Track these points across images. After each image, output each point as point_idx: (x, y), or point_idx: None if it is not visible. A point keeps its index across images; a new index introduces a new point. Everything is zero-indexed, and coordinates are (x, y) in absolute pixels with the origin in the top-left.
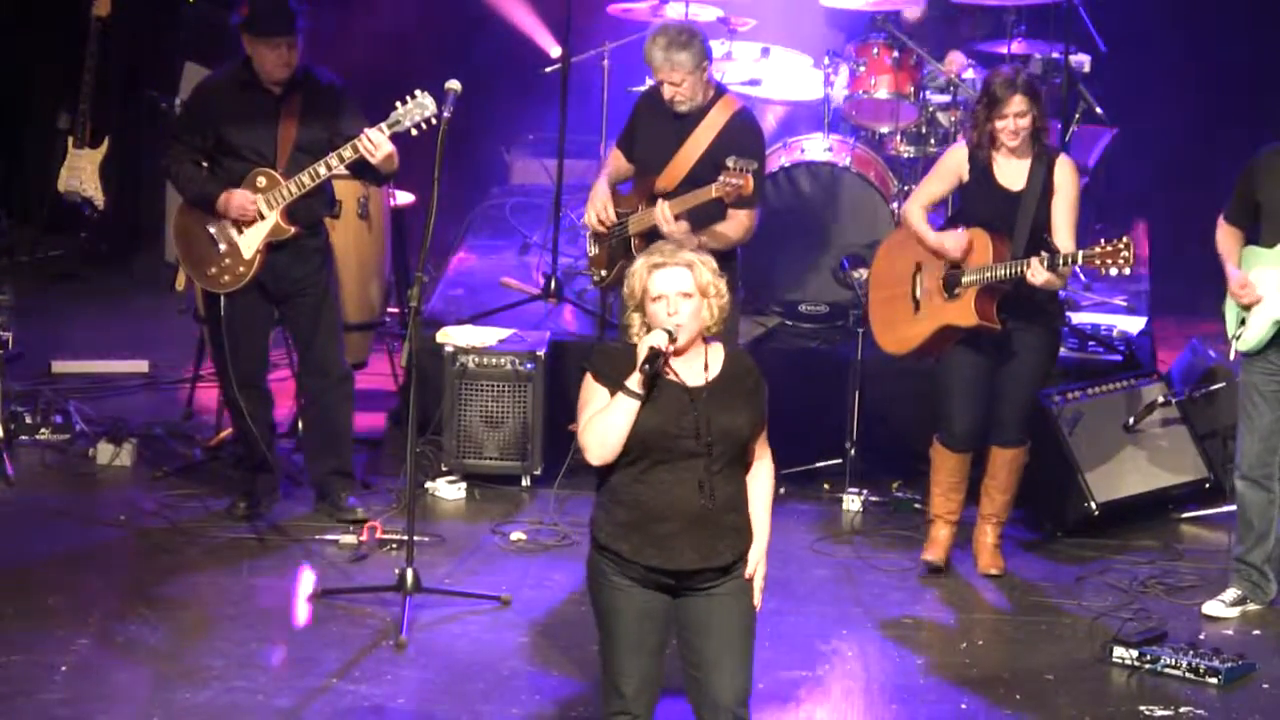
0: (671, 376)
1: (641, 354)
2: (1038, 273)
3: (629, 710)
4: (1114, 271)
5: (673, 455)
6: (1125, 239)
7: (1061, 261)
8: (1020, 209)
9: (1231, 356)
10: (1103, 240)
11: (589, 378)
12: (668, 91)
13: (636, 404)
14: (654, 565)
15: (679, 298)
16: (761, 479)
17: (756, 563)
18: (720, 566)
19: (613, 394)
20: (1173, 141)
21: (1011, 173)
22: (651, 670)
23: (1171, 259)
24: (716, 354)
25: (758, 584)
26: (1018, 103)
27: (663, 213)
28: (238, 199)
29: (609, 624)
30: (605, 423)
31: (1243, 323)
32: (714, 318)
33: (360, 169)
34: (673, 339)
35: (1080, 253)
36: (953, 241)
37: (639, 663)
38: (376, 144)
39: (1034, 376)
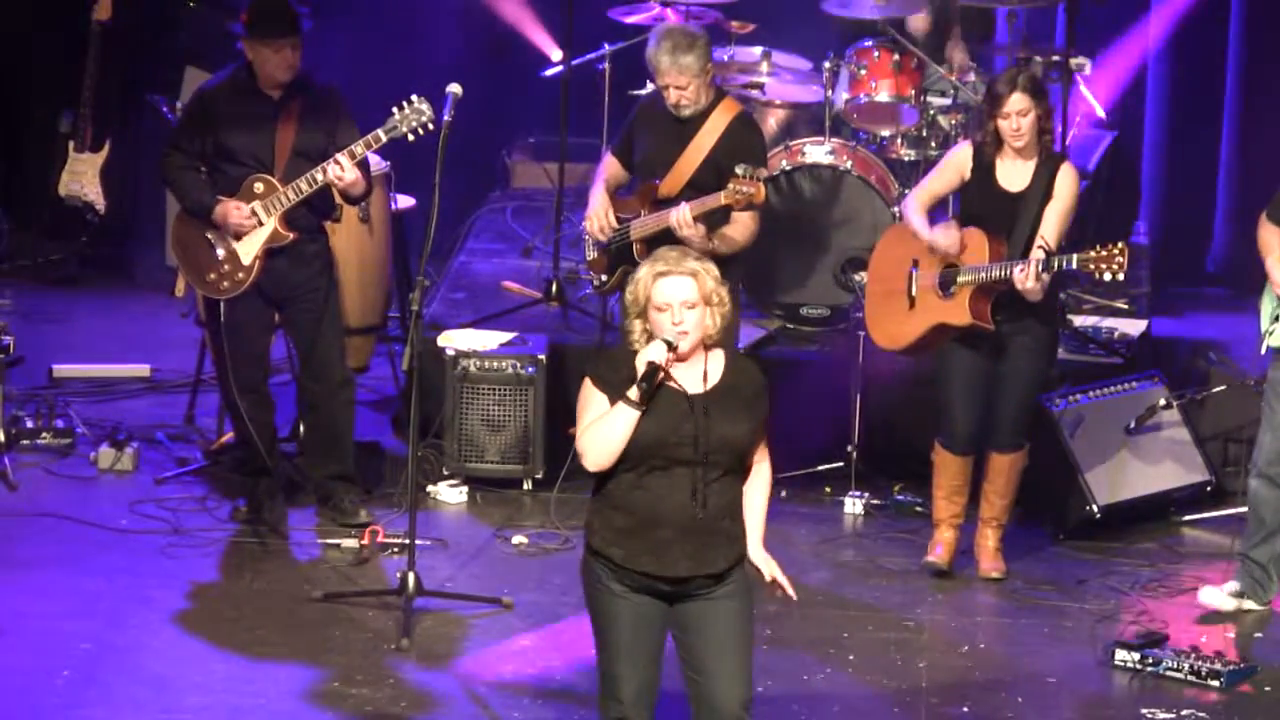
0: (672, 384)
1: (640, 369)
2: (1022, 279)
3: (627, 715)
4: (1108, 276)
5: (670, 463)
6: (1120, 245)
7: (1057, 264)
8: (1021, 211)
9: (1262, 351)
10: (1097, 245)
11: (588, 382)
12: (673, 96)
13: (636, 414)
14: (648, 572)
15: (683, 308)
16: (760, 481)
17: (767, 561)
18: (714, 574)
19: (612, 401)
20: (1175, 144)
21: (1013, 174)
22: (649, 675)
23: (1172, 262)
24: (717, 361)
25: (782, 580)
26: (1017, 100)
27: (683, 216)
28: (234, 215)
29: (605, 630)
30: (604, 431)
31: (1276, 319)
32: (715, 326)
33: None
34: (672, 348)
35: (1075, 256)
36: (945, 238)
37: (636, 668)
38: (344, 168)
39: (1031, 380)
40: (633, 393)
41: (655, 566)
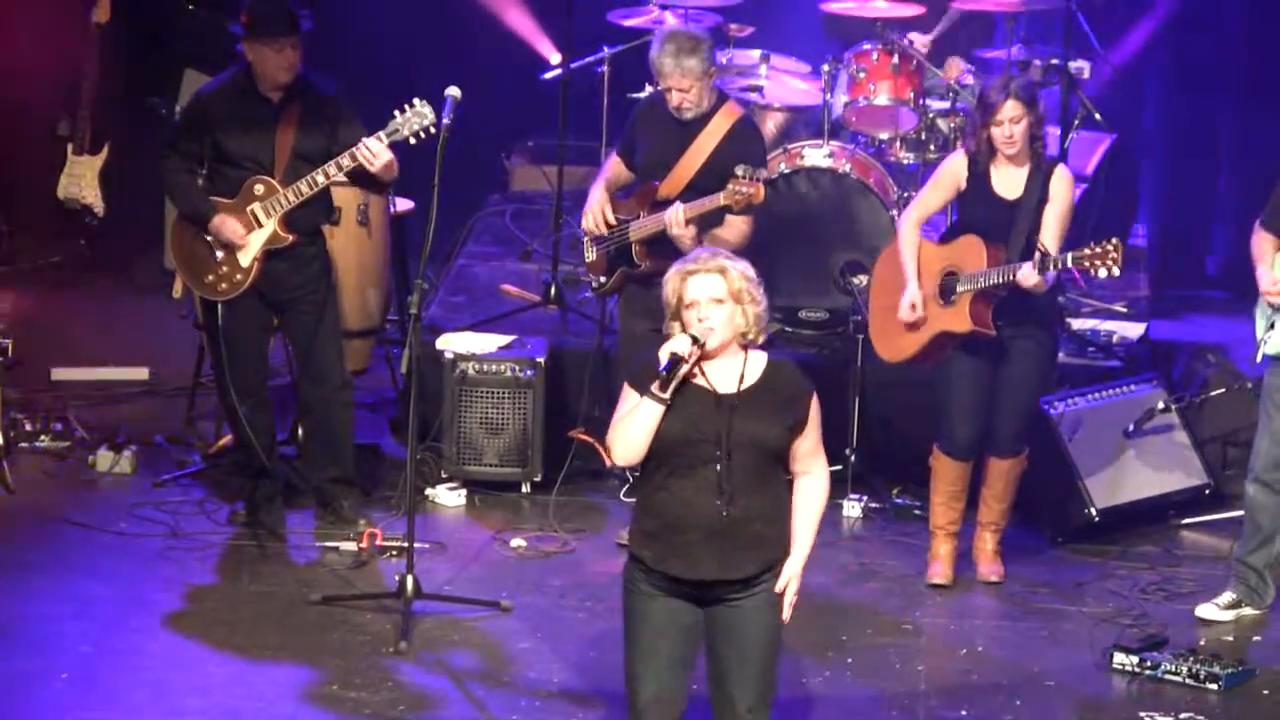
0: (702, 382)
1: (663, 359)
2: (1028, 275)
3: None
4: (1104, 273)
5: (693, 462)
6: (1114, 240)
7: (1052, 264)
8: (1017, 217)
9: (1258, 359)
10: (1092, 242)
11: (625, 385)
12: (675, 99)
13: (660, 408)
14: (676, 574)
15: (710, 303)
16: (809, 492)
17: (789, 578)
18: (743, 579)
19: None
20: (1173, 146)
21: (1009, 181)
22: (670, 683)
23: (1171, 265)
24: (756, 362)
25: (788, 598)
26: (1010, 108)
27: (675, 215)
28: (229, 229)
29: (631, 630)
30: (629, 425)
31: (1272, 326)
32: (749, 324)
33: (360, 178)
34: (698, 343)
35: (1070, 254)
36: (906, 297)
37: (656, 672)
38: (375, 153)
39: (1031, 386)
40: (655, 385)
41: (682, 569)
